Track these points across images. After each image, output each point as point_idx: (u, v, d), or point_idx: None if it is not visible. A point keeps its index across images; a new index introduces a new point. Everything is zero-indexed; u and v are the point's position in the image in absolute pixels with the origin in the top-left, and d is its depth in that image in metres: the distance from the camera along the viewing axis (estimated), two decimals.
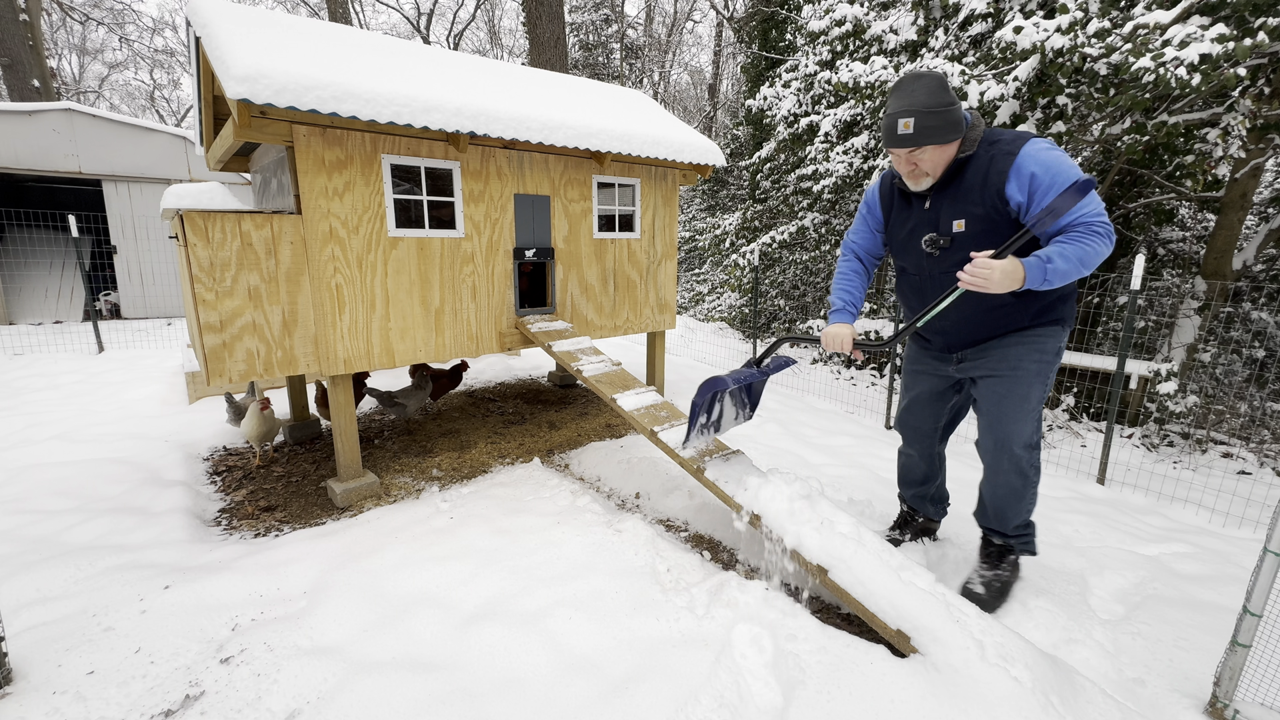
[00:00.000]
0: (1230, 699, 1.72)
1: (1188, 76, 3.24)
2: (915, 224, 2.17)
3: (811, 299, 9.04)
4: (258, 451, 3.82)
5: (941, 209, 2.08)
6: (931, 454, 2.61)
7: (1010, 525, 2.30)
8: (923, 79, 1.93)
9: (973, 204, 2.00)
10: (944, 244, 2.09)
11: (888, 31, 5.61)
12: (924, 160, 1.98)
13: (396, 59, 3.35)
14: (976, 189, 1.98)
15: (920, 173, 2.02)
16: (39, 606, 2.17)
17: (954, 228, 2.06)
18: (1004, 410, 2.16)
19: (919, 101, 1.90)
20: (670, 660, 1.94)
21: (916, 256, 2.21)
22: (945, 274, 2.13)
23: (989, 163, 1.96)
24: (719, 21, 19.31)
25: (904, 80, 1.96)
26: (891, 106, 1.95)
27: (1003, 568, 2.35)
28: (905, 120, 1.91)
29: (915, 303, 2.35)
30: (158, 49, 22.30)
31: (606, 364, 3.49)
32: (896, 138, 1.95)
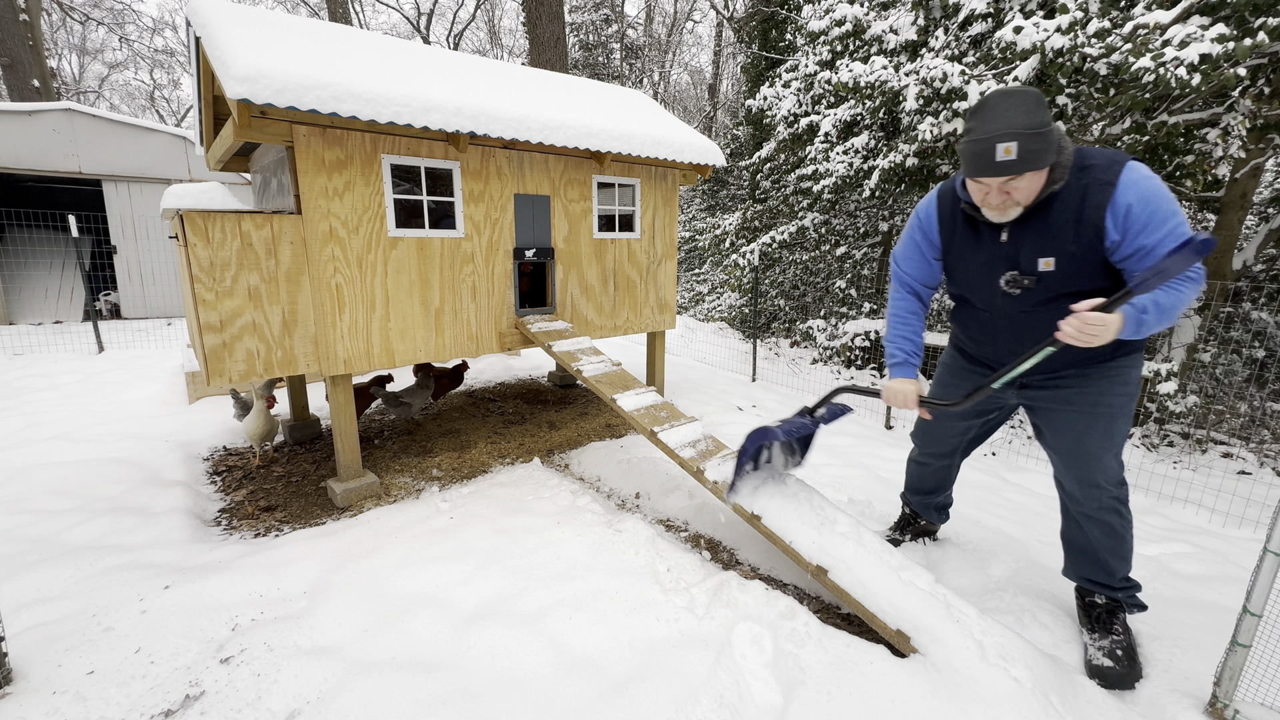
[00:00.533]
0: (1230, 699, 1.72)
1: (1188, 76, 3.23)
2: (989, 259, 1.92)
3: (811, 299, 9.03)
4: (258, 451, 3.82)
5: (1024, 244, 1.83)
6: (949, 466, 2.53)
7: (1117, 577, 2.05)
8: (1017, 95, 1.66)
9: (1065, 240, 1.76)
10: (1028, 284, 1.85)
11: (888, 31, 5.60)
12: (1020, 190, 1.71)
13: (396, 59, 3.35)
14: (1069, 224, 1.74)
15: (1013, 203, 1.75)
16: (39, 606, 2.17)
17: (1040, 266, 1.82)
18: (1087, 448, 1.96)
19: (1019, 122, 1.62)
20: (670, 660, 1.94)
21: (989, 294, 1.96)
22: (1025, 315, 1.90)
23: (1083, 194, 1.72)
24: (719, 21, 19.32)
25: (993, 99, 1.69)
26: (982, 128, 1.66)
27: (1116, 630, 2.03)
28: (1007, 144, 1.63)
29: (979, 336, 2.12)
30: (158, 49, 22.31)
31: (606, 364, 3.49)
32: (995, 165, 1.66)
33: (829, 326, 7.50)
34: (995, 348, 2.07)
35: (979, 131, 1.68)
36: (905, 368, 2.13)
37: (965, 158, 1.73)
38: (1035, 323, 1.90)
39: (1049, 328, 1.81)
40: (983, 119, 1.68)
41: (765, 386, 5.99)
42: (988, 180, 1.71)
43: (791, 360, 7.49)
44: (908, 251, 2.16)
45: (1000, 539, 2.80)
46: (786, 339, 8.49)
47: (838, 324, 7.49)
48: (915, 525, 2.73)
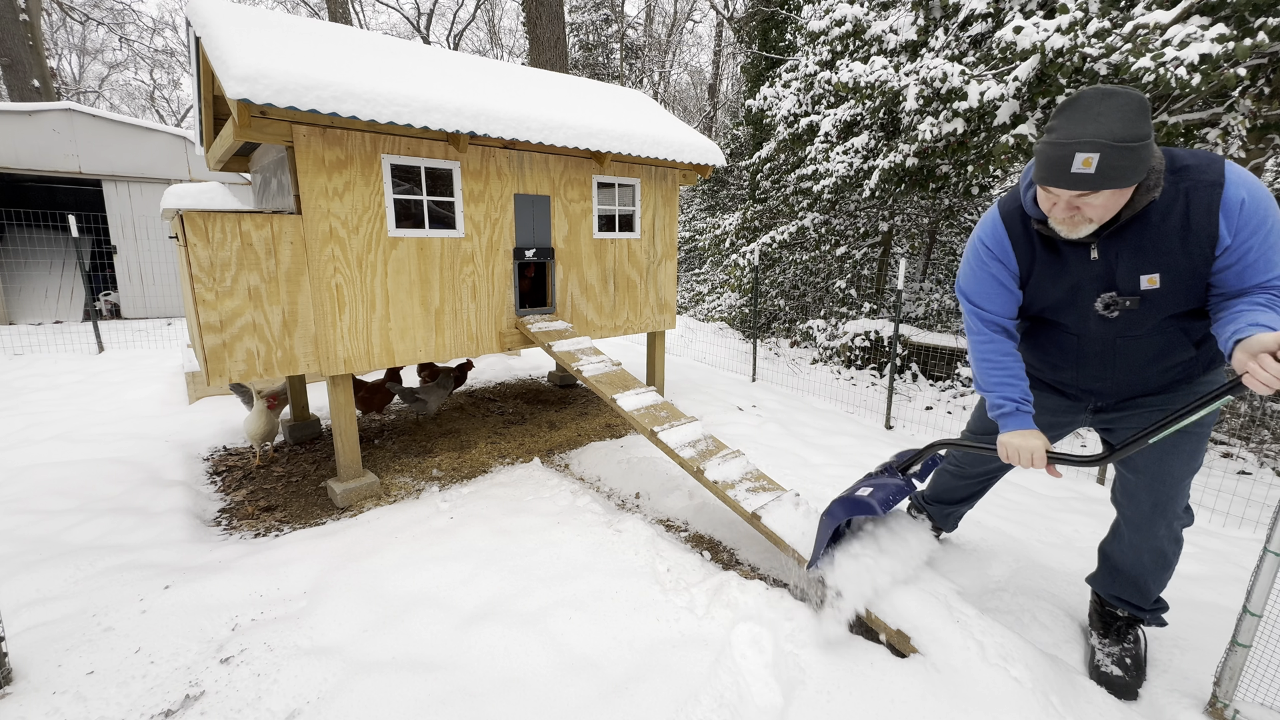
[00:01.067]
0: (1230, 699, 1.72)
1: (1188, 76, 3.24)
2: (1080, 279, 1.69)
3: (811, 299, 9.03)
4: (257, 451, 3.82)
5: (1119, 260, 1.61)
6: (990, 482, 2.41)
7: (1151, 598, 1.99)
8: (1116, 98, 1.41)
9: (1170, 254, 1.55)
10: (1129, 306, 1.64)
11: (888, 31, 5.61)
12: (1093, 207, 1.49)
13: (396, 59, 3.35)
14: (1175, 234, 1.53)
15: (1083, 219, 1.53)
16: (39, 606, 2.17)
17: (1143, 284, 1.61)
18: (1169, 470, 1.81)
19: (1110, 131, 1.38)
20: (670, 660, 1.94)
21: (1078, 318, 1.75)
22: (1125, 339, 1.72)
23: (1185, 198, 1.51)
24: (719, 21, 19.32)
25: (1089, 97, 1.43)
26: (1065, 131, 1.43)
27: (1130, 640, 2.00)
28: (1088, 155, 1.40)
29: (1059, 362, 1.91)
30: (158, 49, 22.31)
31: (606, 364, 3.49)
32: (1069, 176, 1.44)
33: (829, 326, 7.50)
34: (1079, 373, 1.88)
35: (1061, 134, 1.44)
36: (1019, 417, 1.80)
37: (1039, 161, 1.51)
38: (1136, 349, 1.72)
39: (1152, 352, 1.69)
40: (1070, 119, 1.44)
41: (765, 386, 5.99)
42: (1055, 190, 1.50)
43: (791, 360, 7.49)
44: (983, 286, 1.85)
45: (1000, 539, 2.80)
46: (786, 339, 8.49)
47: (838, 324, 7.49)
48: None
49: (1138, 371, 1.78)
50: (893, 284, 8.13)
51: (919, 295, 8.19)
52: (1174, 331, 1.68)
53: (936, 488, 2.56)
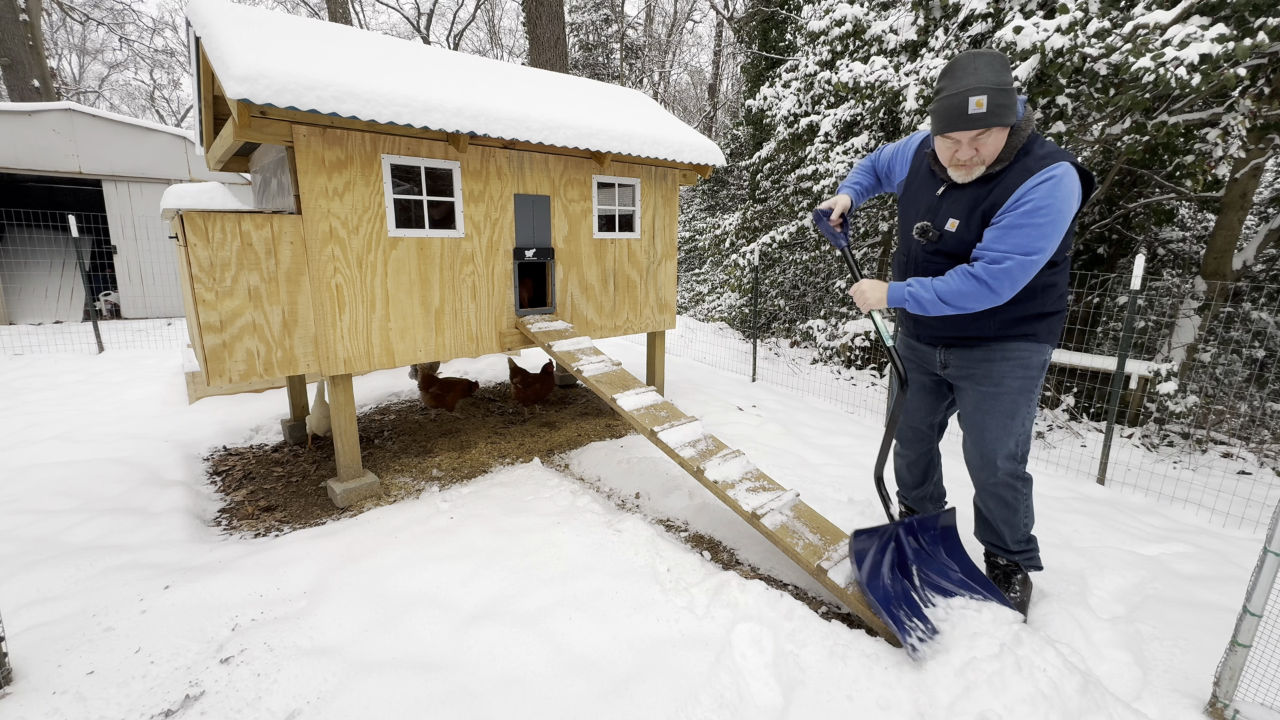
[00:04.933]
0: (1230, 699, 1.72)
1: (1188, 76, 3.23)
2: (921, 206, 2.13)
3: (811, 299, 9.03)
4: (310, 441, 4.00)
5: (946, 201, 2.03)
6: (929, 454, 2.62)
7: (1010, 541, 2.25)
8: (983, 56, 1.79)
9: (973, 210, 1.94)
10: (931, 236, 2.07)
11: (888, 31, 5.60)
12: (988, 145, 1.84)
13: (396, 59, 3.35)
14: (984, 198, 1.91)
15: (979, 160, 1.87)
16: (39, 606, 2.17)
17: (947, 225, 2.02)
18: (987, 424, 2.14)
19: (989, 79, 1.74)
20: (670, 660, 1.94)
21: (907, 237, 2.20)
22: (927, 262, 2.12)
23: (1009, 176, 1.87)
24: (719, 21, 19.31)
25: (962, 60, 1.80)
26: (954, 85, 1.78)
27: (1013, 587, 2.26)
28: (979, 98, 1.73)
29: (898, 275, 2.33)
30: (158, 49, 22.30)
31: (606, 364, 3.49)
32: (967, 118, 1.77)
33: (829, 326, 7.50)
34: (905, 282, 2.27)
35: (951, 88, 1.80)
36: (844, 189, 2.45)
37: (938, 115, 1.85)
38: (930, 271, 2.10)
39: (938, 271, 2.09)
40: (954, 77, 1.80)
41: (765, 386, 5.99)
42: (959, 135, 1.83)
43: (791, 360, 7.49)
44: (882, 154, 2.44)
45: None
46: (786, 339, 8.49)
47: (838, 324, 7.49)
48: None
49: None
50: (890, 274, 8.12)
51: None
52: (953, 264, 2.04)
53: (898, 476, 2.76)
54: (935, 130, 1.90)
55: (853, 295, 2.13)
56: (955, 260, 2.03)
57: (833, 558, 2.23)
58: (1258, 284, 5.35)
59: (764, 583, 2.35)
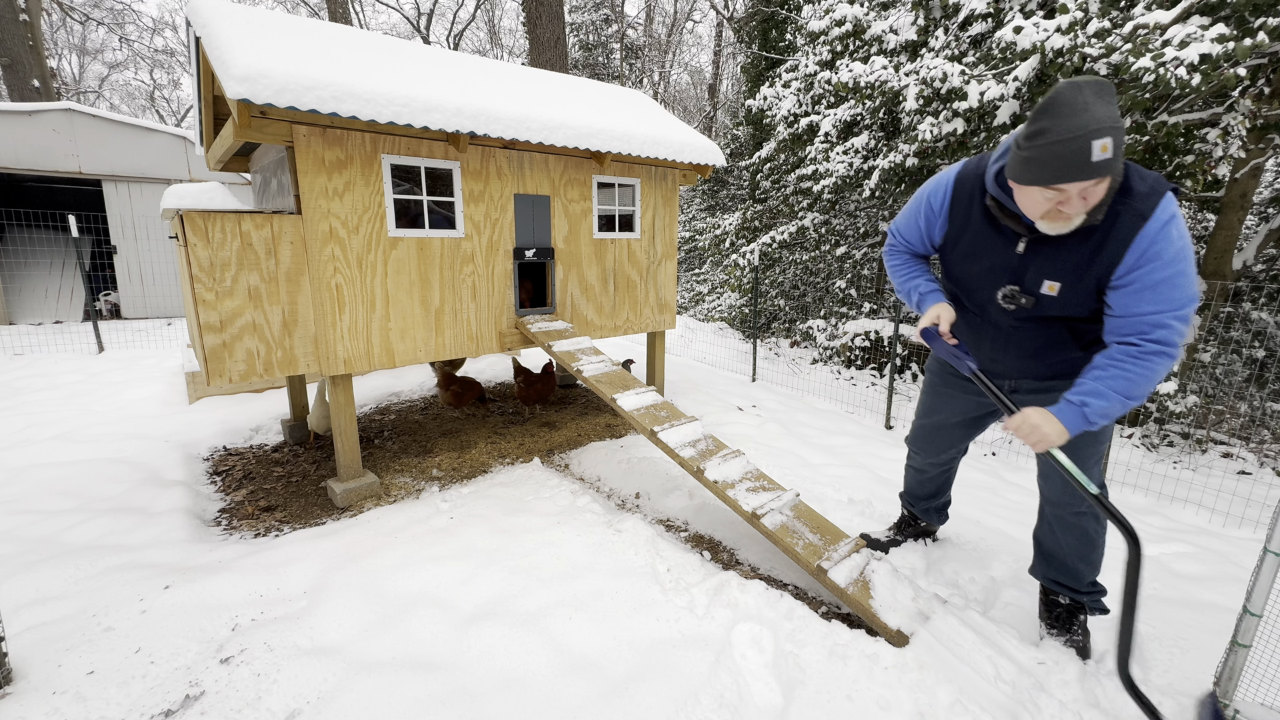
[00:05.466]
0: (1230, 699, 1.72)
1: (1188, 76, 3.23)
2: (994, 265, 1.79)
3: (811, 299, 9.03)
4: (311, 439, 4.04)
5: (1036, 260, 1.70)
6: (948, 470, 2.53)
7: (1084, 581, 2.04)
8: (1090, 86, 1.43)
9: (1078, 269, 1.64)
10: (1025, 303, 1.76)
11: (888, 31, 5.60)
12: (1097, 193, 1.50)
13: (396, 59, 3.35)
14: (1090, 252, 1.61)
15: (1084, 210, 1.53)
16: (39, 606, 2.17)
17: (1043, 288, 1.71)
18: (1076, 448, 1.86)
19: (1107, 116, 1.40)
20: (670, 660, 1.94)
21: (983, 298, 1.86)
22: (1016, 330, 1.84)
23: (1113, 221, 1.57)
24: (719, 21, 19.31)
25: (1065, 94, 1.43)
26: (1065, 125, 1.42)
27: (1075, 631, 2.04)
28: (1103, 140, 1.39)
29: (967, 338, 2.03)
30: (158, 49, 22.30)
31: (606, 364, 3.49)
32: (1090, 166, 1.42)
33: (829, 326, 7.50)
34: (978, 353, 2.01)
35: (1063, 129, 1.42)
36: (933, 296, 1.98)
37: (1042, 164, 1.47)
38: (1025, 338, 1.85)
39: (1036, 344, 1.84)
40: (1061, 115, 1.43)
41: (765, 386, 5.99)
42: (1073, 185, 1.46)
43: (791, 360, 7.49)
44: (909, 230, 2.02)
45: (1000, 539, 2.80)
46: (786, 339, 8.49)
47: (838, 324, 7.49)
48: (915, 526, 2.73)
49: (1027, 359, 1.91)
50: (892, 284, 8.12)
51: None
52: (1061, 331, 1.80)
53: (907, 483, 2.67)
54: (1035, 181, 1.51)
55: (1016, 433, 1.67)
56: (1055, 324, 1.78)
57: (833, 558, 2.23)
58: (1258, 284, 5.35)
59: (764, 583, 2.35)
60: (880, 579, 2.19)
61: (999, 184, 1.70)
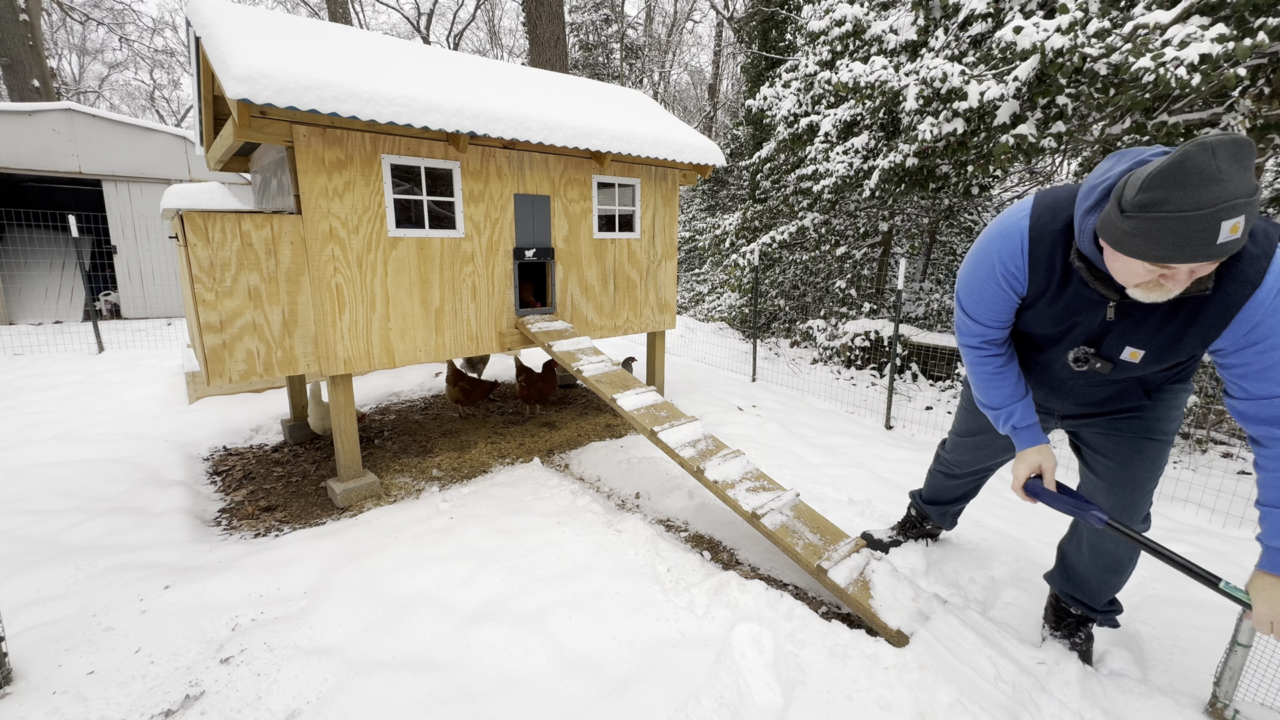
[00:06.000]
0: (1230, 699, 1.72)
1: (1188, 76, 3.23)
2: (1076, 324, 1.58)
3: (811, 299, 9.03)
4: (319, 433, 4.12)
5: (1121, 325, 1.51)
6: (981, 480, 2.46)
7: (1102, 600, 1.99)
8: (1226, 146, 1.14)
9: (1168, 337, 1.46)
10: (1099, 367, 1.59)
11: (888, 31, 5.60)
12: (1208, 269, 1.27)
13: (396, 59, 3.35)
14: (1183, 320, 1.42)
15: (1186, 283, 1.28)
16: (39, 606, 2.17)
17: (1124, 355, 1.54)
18: (1133, 475, 1.77)
19: (1242, 187, 1.13)
20: (670, 660, 1.94)
21: (1055, 351, 1.68)
22: (1083, 386, 1.72)
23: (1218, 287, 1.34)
24: (719, 21, 19.31)
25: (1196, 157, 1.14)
26: (1190, 198, 1.14)
27: (1080, 637, 2.03)
28: (1236, 221, 1.14)
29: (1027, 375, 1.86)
30: (158, 49, 22.30)
31: (606, 364, 3.49)
32: (1216, 247, 1.16)
33: (829, 326, 7.50)
34: (1036, 390, 1.87)
35: (1189, 203, 1.15)
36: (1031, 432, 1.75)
37: (1156, 239, 1.20)
38: (1090, 391, 1.72)
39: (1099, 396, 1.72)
40: (1190, 187, 1.15)
41: (765, 386, 5.99)
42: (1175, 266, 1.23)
43: (791, 360, 7.49)
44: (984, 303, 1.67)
45: (1000, 539, 2.80)
46: (786, 339, 8.49)
47: (838, 324, 7.49)
48: (920, 528, 2.72)
49: (1084, 406, 1.82)
50: (893, 284, 8.13)
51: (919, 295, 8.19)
52: (1131, 384, 1.68)
53: (931, 490, 2.59)
54: (1141, 255, 1.24)
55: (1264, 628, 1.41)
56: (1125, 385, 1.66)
57: (833, 558, 2.23)
58: None
59: (764, 583, 2.35)
60: (880, 579, 2.19)
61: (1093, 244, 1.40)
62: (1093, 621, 2.06)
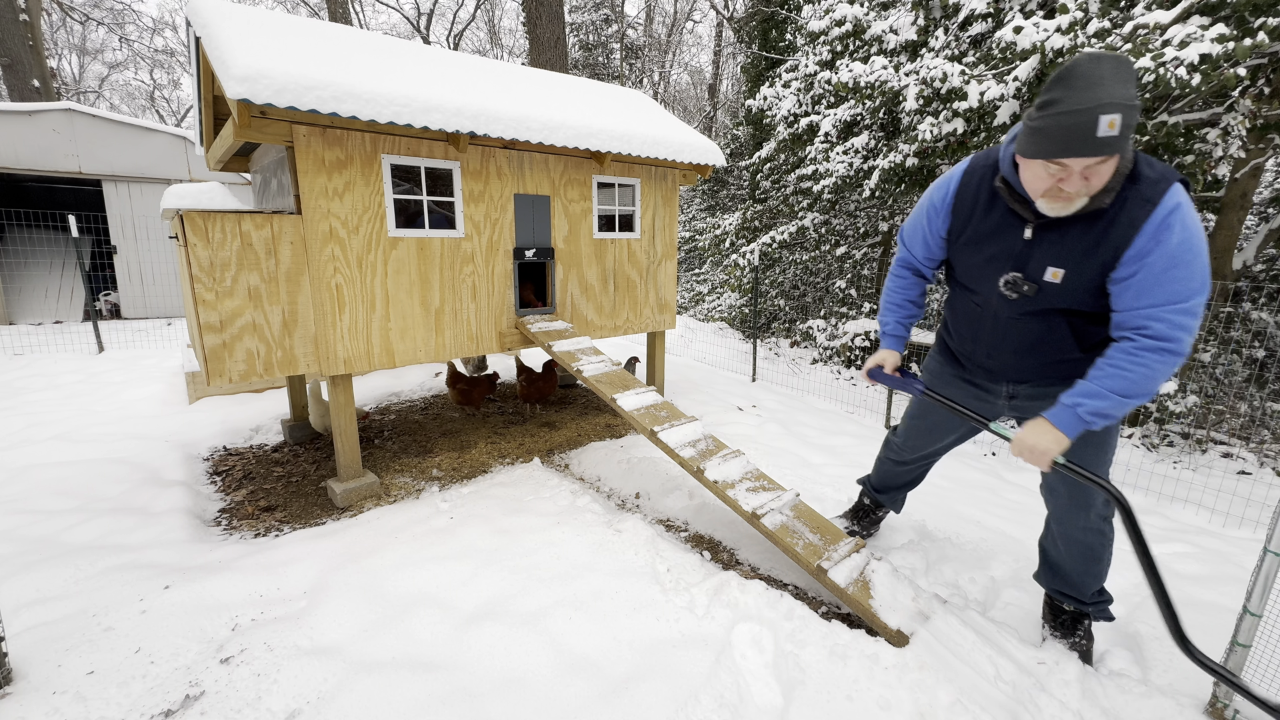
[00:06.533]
0: (1230, 699, 1.72)
1: (1188, 76, 3.23)
2: (999, 252, 1.74)
3: (811, 299, 9.03)
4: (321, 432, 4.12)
5: (1040, 247, 1.66)
6: (929, 465, 2.56)
7: (1089, 592, 2.02)
8: (1113, 61, 1.37)
9: (1083, 255, 1.59)
10: (1027, 291, 1.71)
11: (888, 31, 5.60)
12: (1100, 174, 1.46)
13: (396, 59, 3.35)
14: (1095, 238, 1.56)
15: (1087, 191, 1.50)
16: (39, 606, 2.17)
17: (1047, 275, 1.66)
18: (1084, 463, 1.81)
19: (1120, 93, 1.34)
20: (670, 660, 1.94)
21: (985, 288, 1.83)
22: (1016, 322, 1.80)
23: (1120, 208, 1.52)
24: (719, 21, 19.31)
25: (1083, 66, 1.39)
26: (1076, 97, 1.37)
27: (1079, 636, 2.04)
28: (1112, 116, 1.34)
29: (964, 332, 2.00)
30: (158, 49, 22.30)
31: (606, 364, 3.49)
32: (1095, 141, 1.38)
33: (829, 326, 7.50)
34: (975, 347, 1.97)
35: (1073, 101, 1.38)
36: (888, 340, 2.16)
37: (1048, 135, 1.44)
38: (1025, 331, 1.80)
39: (1035, 336, 1.79)
40: (1074, 87, 1.39)
41: (765, 386, 5.99)
42: (1076, 161, 1.43)
43: (791, 360, 7.49)
44: (916, 233, 2.00)
45: (1000, 539, 2.80)
46: (786, 339, 8.49)
47: (838, 324, 7.49)
48: (873, 516, 2.77)
49: (1025, 355, 1.86)
50: None
51: None
52: (1061, 325, 1.75)
53: (880, 477, 2.67)
54: (1038, 153, 1.48)
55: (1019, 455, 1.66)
56: (1055, 317, 1.74)
57: (833, 558, 2.23)
58: (1258, 284, 5.35)
59: (764, 583, 2.35)
60: (880, 579, 2.19)
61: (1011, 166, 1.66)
62: (1087, 617, 2.06)
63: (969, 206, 1.80)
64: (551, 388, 4.60)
